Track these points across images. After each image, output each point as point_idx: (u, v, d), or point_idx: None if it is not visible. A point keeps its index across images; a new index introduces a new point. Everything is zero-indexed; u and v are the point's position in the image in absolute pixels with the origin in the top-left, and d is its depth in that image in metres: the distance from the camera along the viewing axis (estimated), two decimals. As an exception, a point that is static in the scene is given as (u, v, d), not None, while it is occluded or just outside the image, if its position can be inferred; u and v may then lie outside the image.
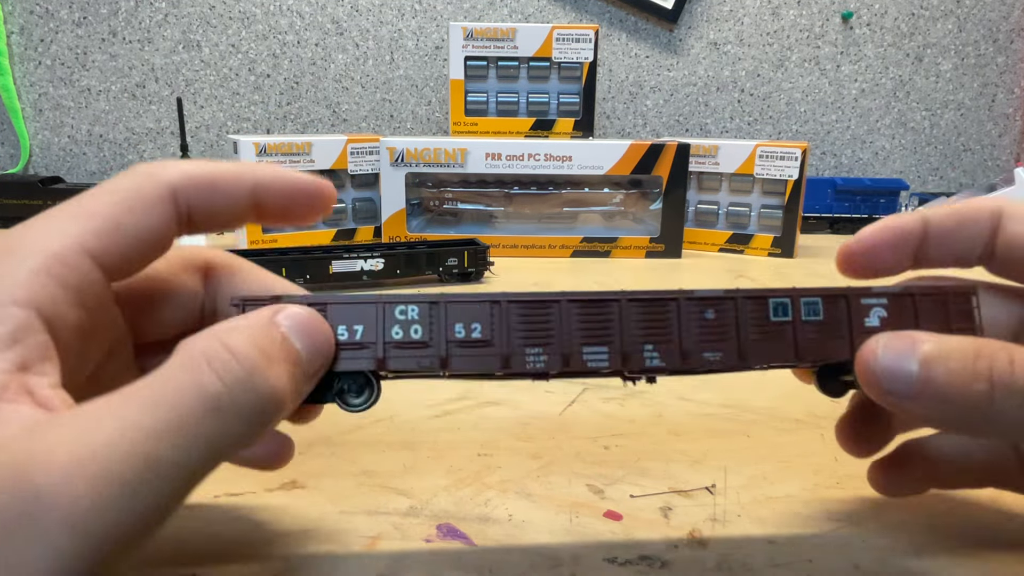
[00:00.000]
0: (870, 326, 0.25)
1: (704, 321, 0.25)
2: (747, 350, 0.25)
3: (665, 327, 0.25)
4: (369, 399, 0.25)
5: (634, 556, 0.28)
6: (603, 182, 0.93)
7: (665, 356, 0.25)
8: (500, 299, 0.25)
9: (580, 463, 0.35)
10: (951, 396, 0.22)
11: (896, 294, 0.26)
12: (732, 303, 0.25)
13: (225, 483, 0.33)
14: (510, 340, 0.24)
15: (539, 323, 0.25)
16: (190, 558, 0.27)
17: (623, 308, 0.25)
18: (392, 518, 0.30)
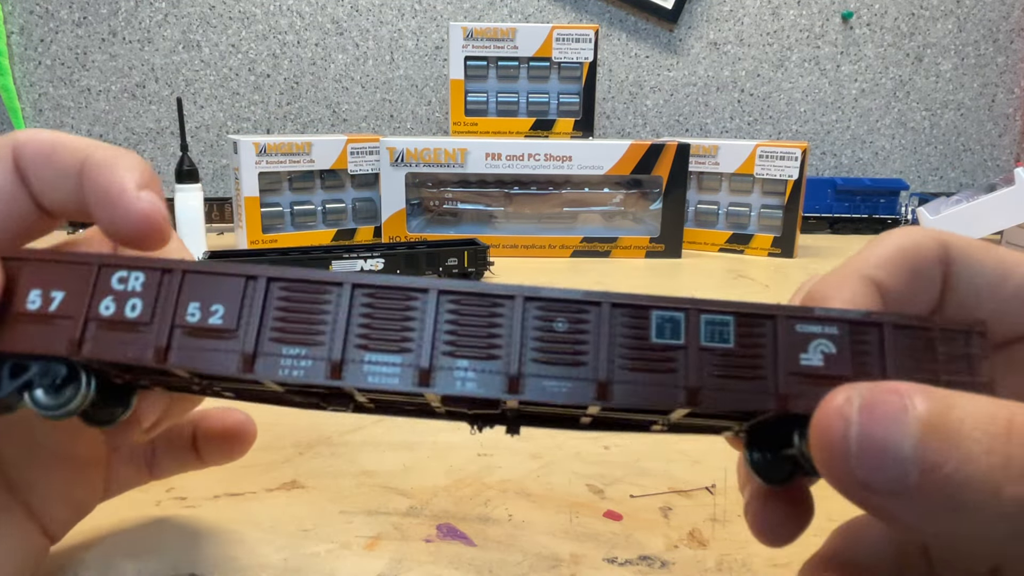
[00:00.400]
0: (808, 366, 0.17)
1: (551, 334, 0.18)
2: (611, 382, 0.17)
3: (491, 336, 0.18)
4: (71, 400, 0.18)
5: (634, 556, 0.28)
6: (603, 182, 0.93)
7: (485, 379, 0.17)
8: (260, 274, 0.18)
9: (580, 463, 0.35)
10: (970, 500, 0.14)
11: (854, 322, 0.18)
12: (595, 310, 0.18)
13: (225, 483, 0.33)
14: (261, 333, 0.18)
15: (306, 312, 0.18)
16: (190, 558, 0.27)
17: (430, 303, 0.18)
18: (392, 518, 0.30)
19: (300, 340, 0.18)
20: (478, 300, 0.18)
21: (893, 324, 0.18)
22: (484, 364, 0.17)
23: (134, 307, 0.18)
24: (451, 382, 0.17)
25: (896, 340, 0.18)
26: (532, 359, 0.17)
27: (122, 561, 0.27)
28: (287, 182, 0.92)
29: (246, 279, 0.18)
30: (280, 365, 0.18)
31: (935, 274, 0.19)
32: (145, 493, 0.32)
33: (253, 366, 0.18)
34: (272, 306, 0.18)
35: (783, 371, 0.17)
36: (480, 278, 0.76)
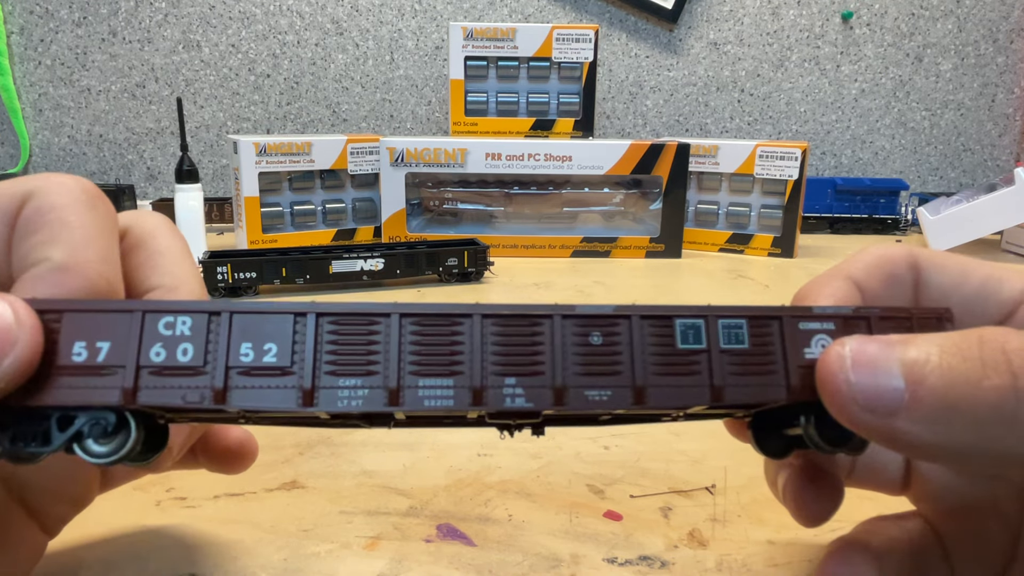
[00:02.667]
0: (811, 358, 0.20)
1: (588, 347, 0.19)
2: (646, 387, 0.19)
3: (533, 354, 0.19)
4: (123, 447, 0.18)
5: (634, 556, 0.28)
6: (603, 182, 0.93)
7: (533, 394, 0.19)
8: (308, 310, 0.19)
9: (580, 463, 0.35)
10: (956, 400, 0.16)
11: (846, 317, 0.20)
12: (626, 323, 0.19)
13: (225, 483, 0.33)
14: (316, 367, 0.18)
15: (359, 345, 0.19)
16: (190, 558, 0.27)
17: (475, 327, 0.19)
18: (392, 518, 0.30)
19: (355, 371, 0.19)
20: (518, 321, 0.19)
21: (878, 316, 0.20)
22: (530, 380, 0.19)
23: (186, 351, 0.18)
24: (501, 398, 0.19)
25: (881, 329, 0.20)
26: (574, 372, 0.19)
27: (122, 561, 0.27)
28: (287, 182, 0.92)
29: (295, 316, 0.19)
30: (338, 397, 0.18)
31: (907, 277, 0.22)
32: (145, 493, 0.32)
33: (313, 400, 0.18)
34: (324, 340, 0.19)
35: (792, 364, 0.20)
36: (480, 278, 0.76)
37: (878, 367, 0.17)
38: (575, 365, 0.19)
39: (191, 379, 0.18)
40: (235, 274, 0.68)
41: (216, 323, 0.18)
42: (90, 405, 0.18)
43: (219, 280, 0.67)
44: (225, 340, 0.18)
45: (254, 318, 0.19)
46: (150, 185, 1.23)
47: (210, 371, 0.18)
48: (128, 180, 1.22)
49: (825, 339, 0.20)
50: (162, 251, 0.23)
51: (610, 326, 0.20)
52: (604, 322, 0.20)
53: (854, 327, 0.20)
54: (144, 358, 0.18)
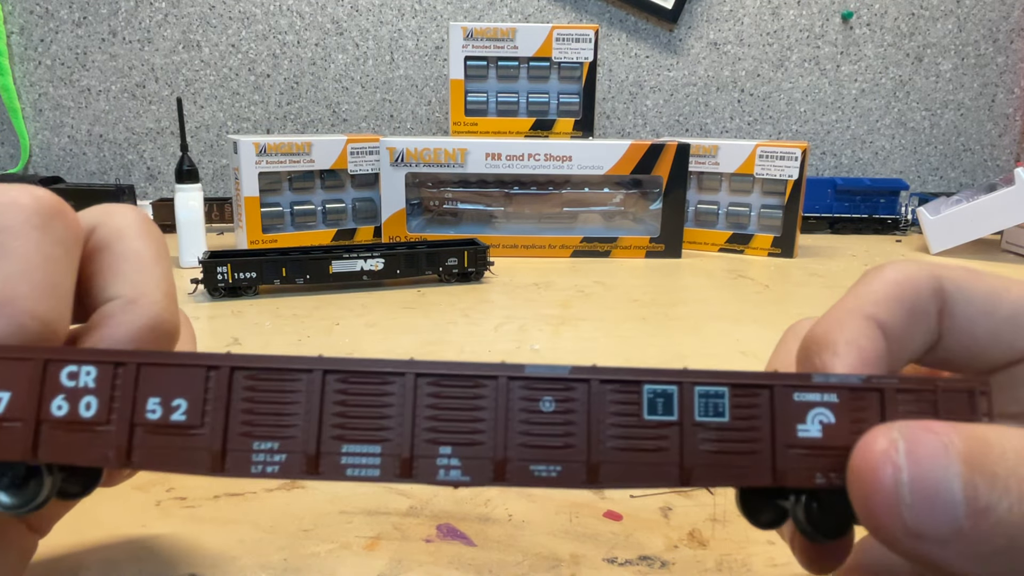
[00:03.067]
0: (806, 437, 0.17)
1: (538, 414, 0.17)
2: (602, 463, 0.17)
3: (473, 420, 0.17)
4: (35, 497, 0.17)
5: (634, 556, 0.28)
6: (603, 182, 0.93)
7: (471, 466, 0.17)
8: (221, 363, 0.17)
9: (580, 463, 0.35)
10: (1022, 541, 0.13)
11: (854, 388, 0.17)
12: (584, 388, 0.17)
13: (225, 483, 0.33)
14: (228, 427, 0.17)
15: (275, 403, 0.17)
16: (190, 558, 0.27)
17: (408, 386, 0.17)
18: (392, 518, 0.30)
19: (270, 434, 0.17)
20: (458, 382, 0.17)
21: (895, 388, 0.17)
22: (468, 450, 0.17)
23: (88, 406, 0.17)
24: (433, 471, 0.17)
25: (897, 405, 0.17)
26: (519, 443, 0.17)
27: (122, 561, 0.27)
28: (287, 182, 0.92)
29: (207, 369, 0.17)
30: (252, 461, 0.17)
31: (931, 308, 0.19)
32: (145, 493, 0.32)
33: (223, 465, 0.17)
34: (238, 396, 0.17)
35: (780, 444, 0.17)
36: (480, 278, 0.76)
37: (940, 485, 0.14)
38: (521, 435, 0.17)
39: (93, 435, 0.17)
40: (235, 274, 0.68)
41: (123, 374, 0.17)
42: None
43: (219, 280, 0.67)
44: (131, 394, 0.17)
45: (165, 370, 0.17)
46: (150, 185, 1.23)
47: (114, 428, 0.17)
48: (128, 180, 1.22)
49: (825, 415, 0.17)
50: (127, 256, 0.21)
51: (565, 390, 0.17)
52: (558, 386, 0.17)
53: (862, 402, 0.17)
54: (45, 412, 0.17)
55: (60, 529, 0.29)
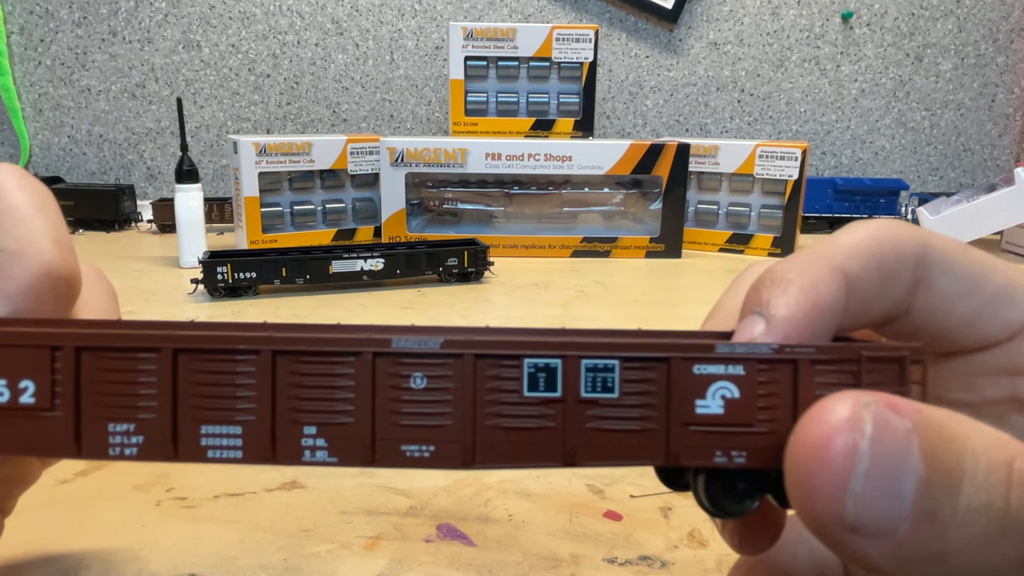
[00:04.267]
0: (705, 415, 0.15)
1: (408, 392, 0.16)
2: (478, 444, 0.16)
3: (338, 400, 0.16)
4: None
5: (634, 556, 0.28)
6: (603, 182, 0.93)
7: (338, 447, 0.16)
8: (65, 343, 0.16)
9: (580, 463, 0.35)
10: (957, 550, 0.13)
11: (763, 360, 0.15)
12: (457, 363, 0.16)
13: (225, 483, 0.33)
14: (80, 408, 0.16)
15: (125, 383, 0.16)
16: (190, 558, 0.27)
17: (266, 364, 0.16)
18: (392, 518, 0.30)
19: (123, 415, 0.16)
20: (319, 358, 0.16)
21: (811, 360, 0.15)
22: (333, 430, 0.16)
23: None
24: (299, 451, 0.16)
25: (811, 378, 0.15)
26: (388, 422, 0.16)
27: (122, 561, 0.27)
28: (287, 182, 0.92)
29: (51, 350, 0.16)
30: (109, 444, 0.16)
31: (908, 275, 0.17)
32: (145, 493, 0.32)
33: (80, 448, 0.16)
34: (88, 377, 0.16)
35: (675, 422, 0.15)
36: (480, 278, 0.76)
37: (895, 480, 0.13)
38: (391, 414, 0.16)
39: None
40: (235, 274, 0.68)
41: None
42: None
43: (219, 280, 0.67)
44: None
45: (7, 351, 0.16)
46: (150, 185, 1.23)
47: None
48: (128, 180, 1.22)
49: (728, 389, 0.15)
50: (4, 211, 0.19)
51: (437, 366, 0.16)
52: (429, 361, 0.16)
53: (772, 374, 0.15)
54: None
55: (60, 529, 0.29)
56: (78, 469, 0.34)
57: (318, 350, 0.16)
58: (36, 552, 0.27)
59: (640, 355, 0.16)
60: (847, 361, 0.15)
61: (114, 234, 1.02)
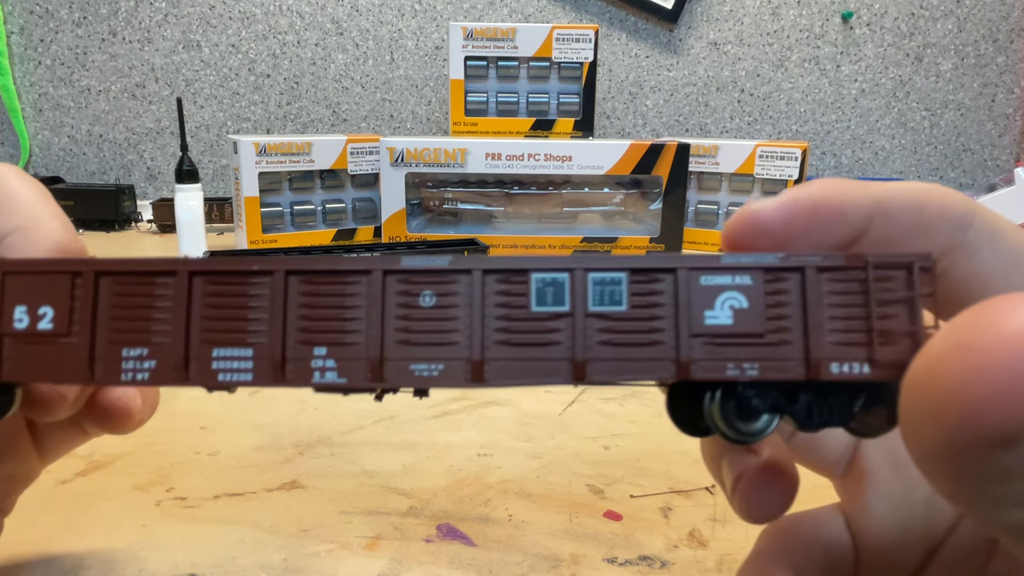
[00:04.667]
0: (713, 325, 0.15)
1: (417, 310, 0.16)
2: (486, 360, 0.15)
3: (348, 319, 0.16)
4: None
5: (634, 556, 0.28)
6: (603, 182, 0.93)
7: (347, 367, 0.16)
8: (86, 269, 0.16)
9: (580, 463, 0.35)
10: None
11: (769, 268, 0.15)
12: (466, 279, 0.16)
13: (225, 483, 0.33)
14: (96, 334, 0.16)
15: (142, 308, 0.16)
16: (190, 558, 0.27)
17: (278, 286, 0.16)
18: (392, 518, 0.30)
19: (138, 340, 0.16)
20: (330, 279, 0.16)
21: (816, 267, 0.15)
22: (343, 350, 0.16)
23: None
24: (308, 373, 0.16)
25: (820, 286, 0.15)
26: (396, 340, 0.16)
27: (122, 561, 0.27)
28: (287, 182, 0.92)
29: (72, 275, 0.16)
30: (122, 369, 0.16)
31: (947, 234, 0.16)
32: (145, 493, 0.32)
33: (92, 373, 0.16)
34: (105, 303, 0.16)
35: (684, 333, 0.15)
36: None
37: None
38: (399, 332, 0.16)
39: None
40: (235, 274, 0.67)
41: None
42: None
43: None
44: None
45: (28, 278, 0.16)
46: (150, 185, 1.23)
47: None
48: (128, 180, 1.22)
49: (736, 299, 0.15)
50: (11, 196, 0.20)
51: (446, 283, 0.16)
52: (438, 278, 0.16)
53: (780, 283, 0.15)
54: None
55: (60, 529, 0.29)
56: (78, 469, 0.34)
57: (330, 269, 0.16)
58: (36, 552, 0.27)
59: (647, 266, 0.16)
60: (854, 268, 0.15)
61: (114, 234, 1.02)
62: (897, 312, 0.15)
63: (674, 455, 0.36)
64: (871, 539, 0.21)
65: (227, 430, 0.39)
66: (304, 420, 0.40)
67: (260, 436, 0.38)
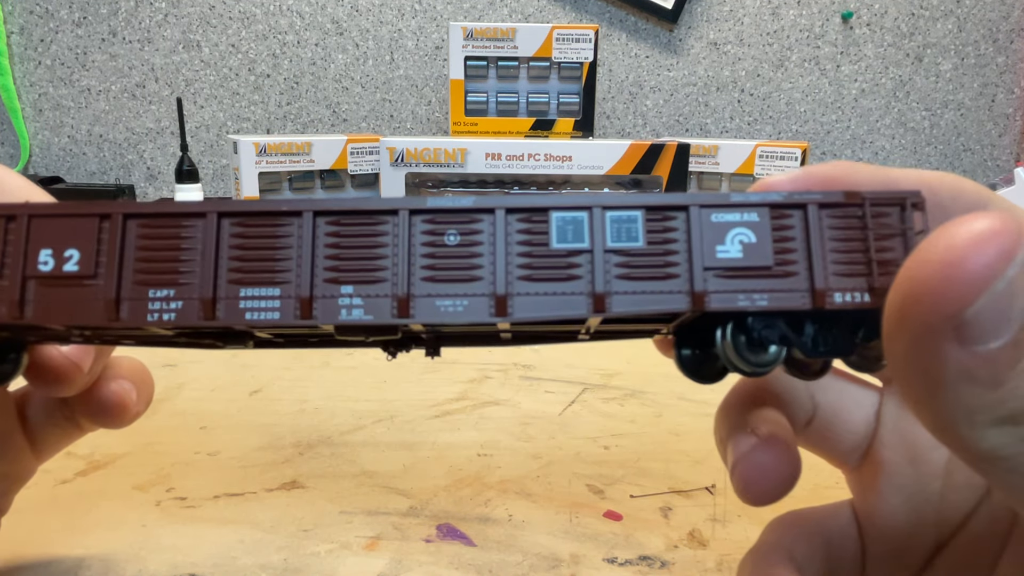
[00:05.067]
0: (725, 259, 0.16)
1: (442, 248, 0.16)
2: (509, 295, 0.16)
3: (375, 258, 0.16)
4: None
5: (634, 556, 0.28)
6: (603, 182, 0.93)
7: (372, 305, 0.16)
8: (114, 211, 0.17)
9: (580, 463, 0.35)
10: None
11: (776, 205, 0.16)
12: (489, 218, 0.16)
13: (225, 483, 0.33)
14: (122, 276, 0.16)
15: (168, 250, 0.17)
16: (190, 558, 0.27)
17: (306, 227, 0.16)
18: (392, 518, 0.30)
19: (164, 281, 0.16)
20: (357, 219, 0.16)
21: (818, 203, 0.16)
22: (369, 288, 0.16)
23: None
24: (336, 310, 0.16)
25: (821, 221, 0.16)
26: (422, 277, 0.16)
27: (122, 561, 0.27)
28: (287, 182, 0.92)
29: (99, 219, 0.17)
30: (148, 310, 0.16)
31: None
32: (145, 493, 0.32)
33: (118, 313, 0.16)
34: (132, 245, 0.17)
35: (698, 267, 0.16)
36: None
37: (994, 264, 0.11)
38: (424, 270, 0.16)
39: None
40: (235, 274, 0.67)
41: (15, 228, 0.17)
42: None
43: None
44: (22, 247, 0.16)
45: (55, 221, 0.17)
46: (150, 185, 1.23)
47: (7, 282, 0.16)
48: (128, 180, 1.22)
49: (745, 234, 0.16)
50: (2, 188, 0.20)
51: (469, 222, 0.16)
52: (462, 218, 0.16)
53: (785, 219, 0.16)
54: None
55: (60, 529, 0.29)
56: (78, 469, 0.34)
57: (358, 209, 0.16)
58: (36, 552, 0.27)
59: (661, 204, 0.16)
60: (852, 205, 0.16)
61: (114, 234, 1.02)
62: (893, 245, 0.16)
63: (674, 455, 0.36)
64: (882, 530, 0.21)
65: (227, 430, 0.39)
66: (304, 420, 0.40)
67: (260, 436, 0.38)
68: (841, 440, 0.22)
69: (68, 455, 0.34)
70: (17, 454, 0.24)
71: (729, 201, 0.16)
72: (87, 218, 0.17)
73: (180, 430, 0.39)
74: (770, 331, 0.17)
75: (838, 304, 0.16)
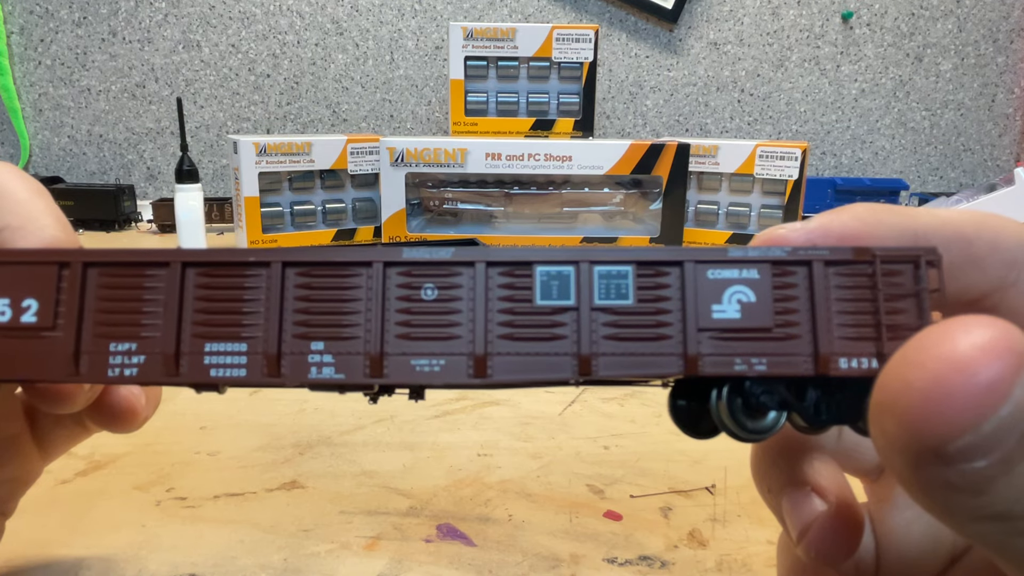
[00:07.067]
0: (721, 319, 0.15)
1: (418, 303, 0.15)
2: (489, 355, 0.15)
3: (345, 312, 0.15)
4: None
5: (634, 556, 0.28)
6: (603, 182, 0.93)
7: (344, 362, 0.15)
8: (73, 260, 0.16)
9: (580, 463, 0.35)
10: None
11: (777, 262, 0.15)
12: (468, 272, 0.15)
13: (225, 483, 0.33)
14: (82, 328, 0.16)
15: (132, 301, 0.16)
16: (190, 558, 0.27)
17: (274, 278, 0.15)
18: (392, 518, 0.30)
19: (127, 334, 0.15)
20: (331, 270, 0.15)
21: (824, 261, 0.15)
22: (341, 345, 0.15)
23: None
24: (305, 368, 0.15)
25: (828, 280, 0.15)
26: (397, 334, 0.15)
27: (122, 561, 0.27)
28: (287, 182, 0.92)
29: (58, 266, 0.16)
30: (109, 364, 0.16)
31: (999, 270, 0.16)
32: (145, 493, 0.32)
33: (78, 368, 0.16)
34: (92, 295, 0.16)
35: (692, 328, 0.15)
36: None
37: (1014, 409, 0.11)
38: (399, 326, 0.15)
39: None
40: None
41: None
42: None
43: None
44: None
45: (13, 269, 0.16)
46: (150, 185, 1.23)
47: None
48: (128, 180, 1.22)
49: (744, 293, 0.15)
50: (3, 191, 0.20)
51: (448, 276, 0.15)
52: (440, 271, 0.15)
53: (788, 277, 0.15)
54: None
55: (60, 529, 0.29)
56: (78, 469, 0.34)
57: (329, 260, 0.15)
58: (36, 552, 0.27)
59: (653, 259, 0.15)
60: (862, 262, 0.15)
61: (114, 234, 1.02)
62: (905, 307, 0.15)
63: (674, 455, 0.36)
64: (896, 542, 0.21)
65: (227, 430, 0.39)
66: (304, 420, 0.40)
67: (260, 436, 0.38)
68: (865, 458, 0.22)
69: (68, 455, 0.34)
70: (25, 457, 0.24)
71: (727, 257, 0.15)
72: (46, 266, 0.16)
73: (180, 430, 0.39)
74: (769, 396, 0.16)
75: (843, 370, 0.15)
